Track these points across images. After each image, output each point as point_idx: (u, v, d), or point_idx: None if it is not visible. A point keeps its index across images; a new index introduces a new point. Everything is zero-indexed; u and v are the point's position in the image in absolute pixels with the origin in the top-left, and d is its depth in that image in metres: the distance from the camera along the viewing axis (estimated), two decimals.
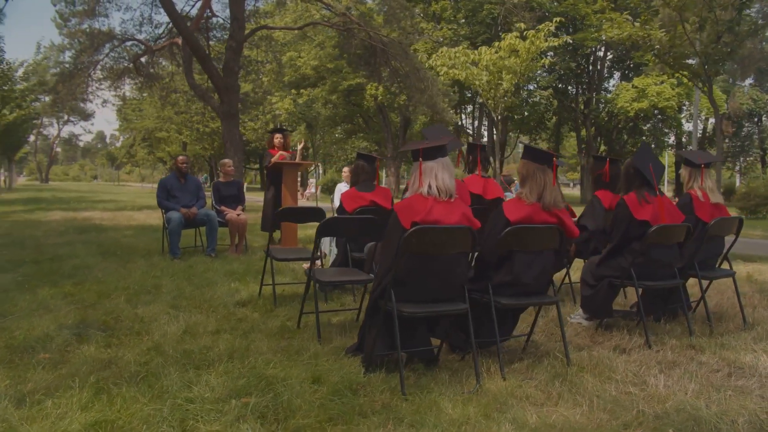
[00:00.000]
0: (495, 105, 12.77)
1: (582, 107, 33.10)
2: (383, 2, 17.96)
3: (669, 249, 4.07)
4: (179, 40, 17.97)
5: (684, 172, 4.64)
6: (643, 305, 4.57)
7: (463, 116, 37.18)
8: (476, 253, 3.57)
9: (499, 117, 14.12)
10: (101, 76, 20.86)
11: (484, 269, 3.50)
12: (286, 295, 5.30)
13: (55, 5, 16.99)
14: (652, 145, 32.72)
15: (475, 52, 12.75)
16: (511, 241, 3.33)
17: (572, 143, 41.20)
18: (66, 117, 63.29)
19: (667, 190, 35.68)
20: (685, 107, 33.78)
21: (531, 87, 33.15)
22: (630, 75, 31.29)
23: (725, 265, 4.71)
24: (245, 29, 17.91)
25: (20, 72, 19.15)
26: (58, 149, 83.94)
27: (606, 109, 31.99)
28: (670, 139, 36.07)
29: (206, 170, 51.63)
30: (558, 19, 13.29)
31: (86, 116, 61.43)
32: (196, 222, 7.92)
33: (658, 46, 7.77)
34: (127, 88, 22.95)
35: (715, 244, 4.55)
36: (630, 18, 8.42)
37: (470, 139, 33.91)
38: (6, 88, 16.79)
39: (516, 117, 33.74)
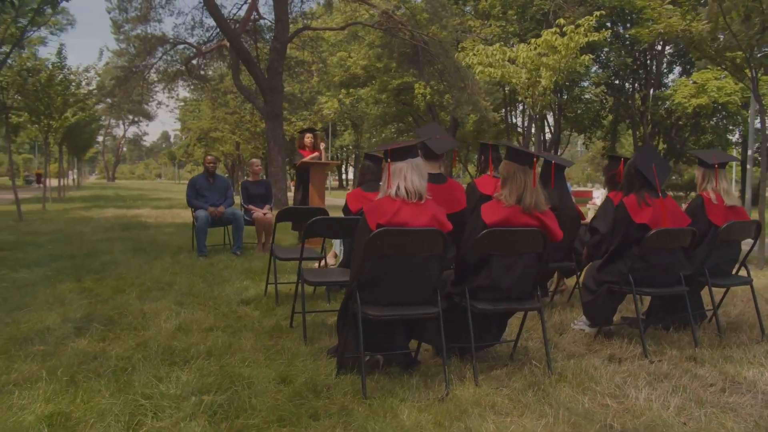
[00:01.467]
0: (534, 103, 12.43)
1: (639, 104, 31.85)
2: (426, 1, 17.85)
3: (670, 254, 3.85)
4: (227, 42, 18.48)
5: (698, 172, 4.38)
6: (651, 313, 4.37)
7: (514, 114, 36.52)
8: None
9: (537, 115, 13.70)
10: (155, 79, 21.72)
11: (463, 272, 3.42)
12: (291, 294, 5.35)
13: (109, 12, 17.81)
14: (716, 144, 31.14)
15: (512, 49, 12.46)
16: (487, 244, 3.23)
17: (631, 142, 39.70)
18: (132, 118, 66.30)
19: (736, 189, 33.77)
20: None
21: (585, 83, 32.19)
22: (691, 70, 29.83)
23: (743, 272, 4.42)
24: (289, 30, 18.21)
25: (85, 77, 20.15)
26: (125, 149, 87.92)
27: (664, 106, 30.65)
28: (734, 136, 34.17)
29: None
30: (598, 13, 12.78)
31: (150, 117, 64.19)
32: (222, 221, 8.11)
33: (698, 38, 7.33)
34: (181, 90, 23.74)
35: (730, 250, 4.27)
36: (671, 7, 8.00)
37: (520, 138, 33.27)
38: (67, 92, 17.50)
39: (569, 114, 32.82)
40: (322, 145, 9.13)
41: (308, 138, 9.01)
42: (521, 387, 3.15)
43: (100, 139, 68.58)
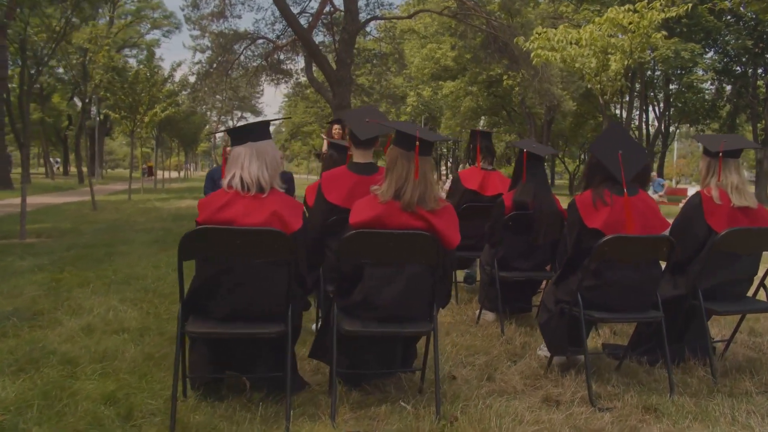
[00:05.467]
0: (602, 90, 11.07)
1: (763, 92, 28.20)
2: None
3: (636, 270, 2.93)
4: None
5: (702, 163, 3.38)
6: (637, 341, 3.47)
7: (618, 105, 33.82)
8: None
9: (605, 104, 12.25)
10: (239, 75, 22.30)
11: (339, 285, 2.78)
12: None
13: (182, 10, 18.39)
14: None
15: (578, 30, 11.13)
16: (353, 249, 2.57)
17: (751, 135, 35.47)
18: (240, 114, 69.70)
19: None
20: None
21: (700, 71, 29.03)
22: None
23: (761, 295, 3.36)
24: (359, 21, 17.89)
25: (178, 74, 21.34)
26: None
27: None
28: None
29: None
30: None
31: (257, 113, 66.88)
32: None
33: None
34: (264, 85, 24.28)
35: (740, 264, 3.23)
36: None
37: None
38: (153, 89, 18.39)
39: (679, 104, 29.85)
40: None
41: (336, 129, 8.54)
42: (392, 430, 2.47)
43: (218, 135, 73.18)
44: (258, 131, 2.58)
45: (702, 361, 3.32)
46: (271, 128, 3.02)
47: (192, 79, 20.84)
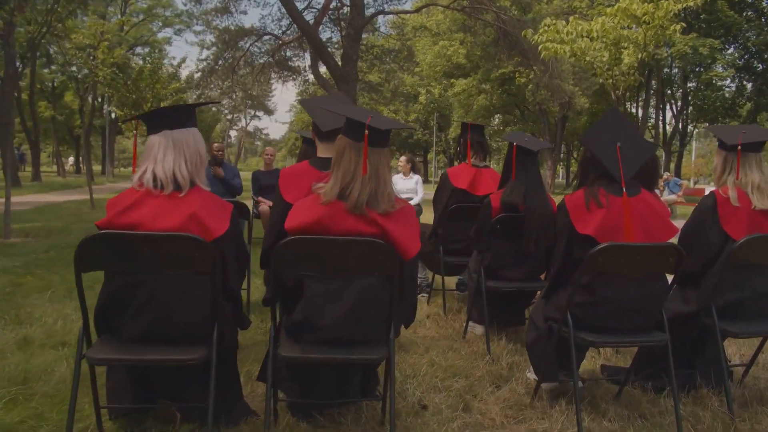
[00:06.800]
0: (615, 85, 10.50)
1: None
2: None
3: (636, 285, 2.46)
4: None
5: (717, 158, 2.89)
6: (639, 363, 3.00)
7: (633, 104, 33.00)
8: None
9: (615, 99, 11.64)
10: (245, 72, 21.99)
11: (284, 300, 2.35)
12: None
13: (185, 5, 18.10)
14: None
15: (589, 22, 10.55)
16: (289, 259, 2.13)
17: None
18: (253, 112, 69.70)
19: None
20: None
21: (718, 68, 28.17)
22: None
23: None
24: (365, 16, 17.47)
25: (185, 71, 21.16)
26: (257, 142, 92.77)
27: None
28: None
29: None
30: None
31: (270, 112, 66.84)
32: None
33: None
34: (274, 83, 23.97)
35: (764, 278, 2.74)
36: None
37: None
38: (156, 85, 18.15)
39: (697, 102, 29.01)
40: None
41: None
42: None
43: (233, 133, 73.47)
44: (176, 117, 2.15)
45: (717, 390, 2.84)
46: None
47: (197, 76, 20.57)
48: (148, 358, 2.06)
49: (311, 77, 23.46)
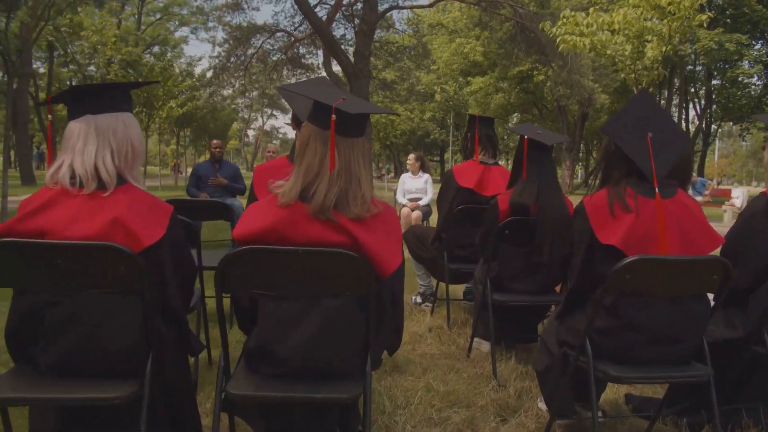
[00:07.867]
0: (637, 80, 9.94)
1: None
2: None
3: (671, 307, 2.01)
4: None
5: (766, 155, 2.43)
6: (673, 395, 2.54)
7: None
8: None
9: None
10: (258, 69, 21.69)
11: (241, 325, 1.95)
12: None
13: (195, 1, 17.87)
14: None
15: (610, 14, 10.00)
16: (239, 274, 1.73)
17: None
18: (270, 111, 69.78)
19: None
20: None
21: (745, 64, 27.24)
22: None
23: None
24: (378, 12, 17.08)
25: (198, 69, 21.05)
26: (275, 141, 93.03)
27: None
28: None
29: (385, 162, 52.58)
30: None
31: (286, 110, 66.69)
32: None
33: None
34: (287, 80, 23.67)
35: None
36: None
37: None
38: (167, 84, 18.02)
39: (722, 101, 28.12)
40: None
41: None
42: None
43: (251, 133, 73.78)
44: (101, 99, 1.75)
45: (766, 430, 2.38)
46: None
47: (209, 74, 20.34)
48: (62, 396, 1.66)
49: (324, 74, 23.12)
